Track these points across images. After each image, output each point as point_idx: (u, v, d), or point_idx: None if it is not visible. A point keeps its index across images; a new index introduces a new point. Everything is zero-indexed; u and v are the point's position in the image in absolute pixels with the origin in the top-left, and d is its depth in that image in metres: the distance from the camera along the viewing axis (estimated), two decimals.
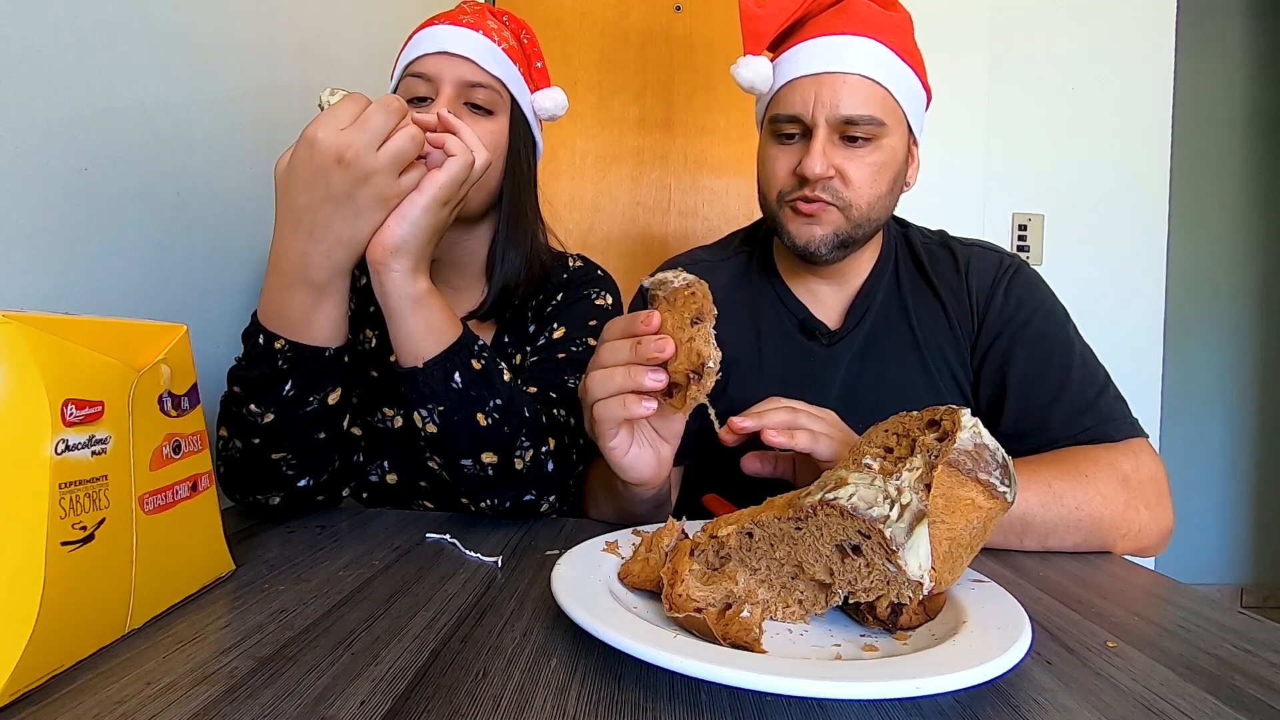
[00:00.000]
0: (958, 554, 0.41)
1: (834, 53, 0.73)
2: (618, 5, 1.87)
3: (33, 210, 0.56)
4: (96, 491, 0.36)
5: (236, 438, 0.61)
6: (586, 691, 0.34)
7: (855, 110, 0.72)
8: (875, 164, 0.74)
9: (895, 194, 0.78)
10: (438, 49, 0.72)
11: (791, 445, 0.57)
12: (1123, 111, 1.90)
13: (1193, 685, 0.37)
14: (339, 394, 0.62)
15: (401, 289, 0.58)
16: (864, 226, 0.76)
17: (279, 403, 0.59)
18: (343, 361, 0.62)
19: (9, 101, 0.54)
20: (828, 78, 0.72)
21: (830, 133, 0.73)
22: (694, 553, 0.43)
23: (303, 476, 0.63)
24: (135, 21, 0.66)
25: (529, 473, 0.64)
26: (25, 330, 0.33)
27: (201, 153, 0.76)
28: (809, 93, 0.73)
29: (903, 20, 0.78)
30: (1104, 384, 0.74)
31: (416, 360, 0.60)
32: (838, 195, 0.74)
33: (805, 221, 0.76)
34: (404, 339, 0.60)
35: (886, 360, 0.81)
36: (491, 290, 0.77)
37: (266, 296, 0.59)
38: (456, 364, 0.61)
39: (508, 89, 0.76)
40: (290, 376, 0.59)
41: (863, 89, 0.72)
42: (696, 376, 0.48)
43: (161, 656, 0.37)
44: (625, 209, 1.89)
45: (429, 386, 0.60)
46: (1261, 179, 2.57)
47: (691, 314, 0.49)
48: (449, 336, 0.61)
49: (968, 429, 0.40)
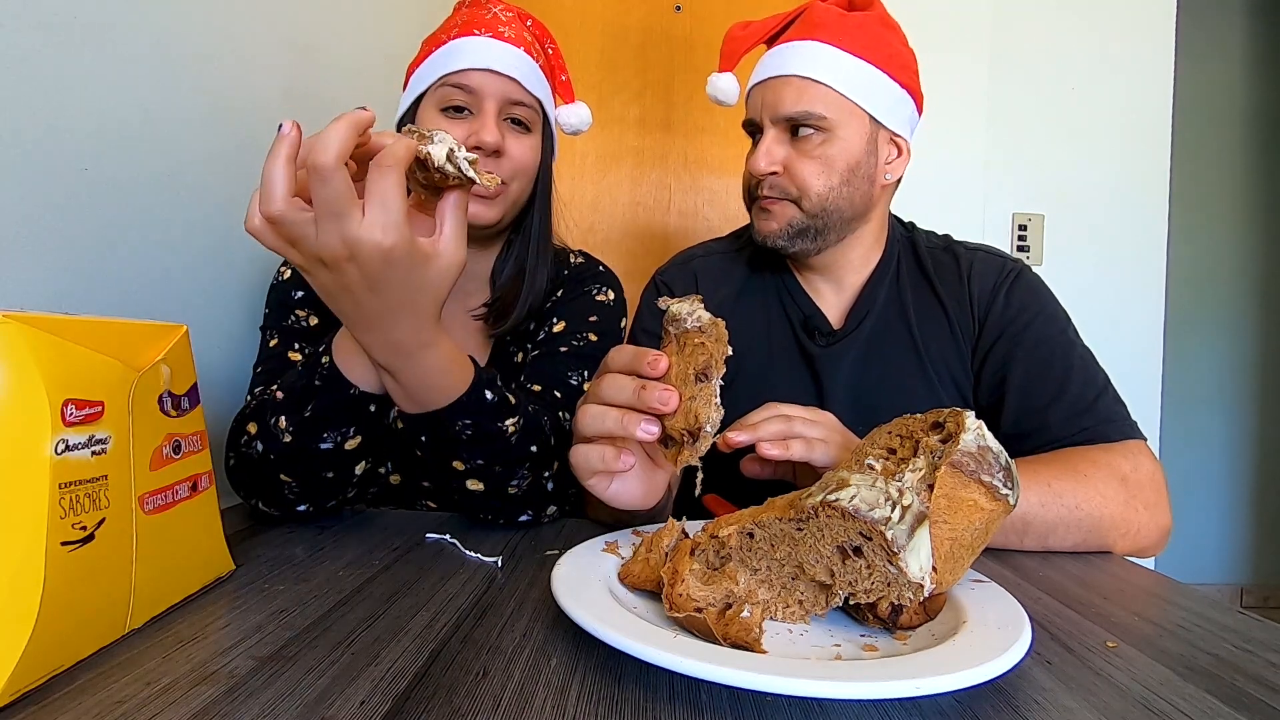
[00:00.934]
0: (959, 555, 0.41)
1: (777, 60, 0.80)
2: (618, 5, 1.87)
3: (33, 210, 0.56)
4: (96, 491, 0.36)
5: (259, 440, 0.59)
6: (586, 691, 0.34)
7: (795, 108, 0.77)
8: (824, 156, 0.78)
9: (859, 186, 0.79)
10: (483, 65, 0.73)
11: (787, 456, 0.57)
12: (1123, 111, 1.90)
13: (1193, 685, 0.37)
14: (358, 442, 0.59)
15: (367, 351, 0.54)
16: (823, 217, 0.79)
17: (299, 425, 0.57)
18: (368, 410, 0.58)
19: (9, 101, 0.54)
20: (771, 82, 0.79)
21: (778, 132, 0.79)
22: (694, 552, 0.43)
23: (303, 503, 0.62)
24: (136, 22, 0.66)
25: (525, 495, 0.63)
26: (25, 330, 0.33)
27: (202, 153, 0.76)
28: (758, 98, 0.81)
29: (868, 19, 0.81)
30: (1103, 386, 0.74)
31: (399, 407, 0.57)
32: (785, 190, 0.79)
33: (763, 217, 0.81)
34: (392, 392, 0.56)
35: (886, 362, 0.81)
36: (516, 312, 0.79)
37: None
38: (426, 430, 0.57)
39: (543, 107, 0.78)
40: (316, 397, 0.57)
41: (802, 89, 0.77)
42: (691, 439, 0.45)
43: (161, 656, 0.37)
44: (625, 209, 1.89)
45: (404, 431, 0.59)
46: (1261, 179, 2.57)
47: (699, 367, 0.46)
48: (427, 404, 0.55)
49: (972, 431, 0.40)
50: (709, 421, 0.44)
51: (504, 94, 0.74)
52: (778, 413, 0.62)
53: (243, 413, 0.63)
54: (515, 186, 0.76)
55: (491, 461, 0.59)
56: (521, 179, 0.77)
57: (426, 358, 0.53)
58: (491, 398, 0.58)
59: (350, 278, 0.46)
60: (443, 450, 0.58)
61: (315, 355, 0.58)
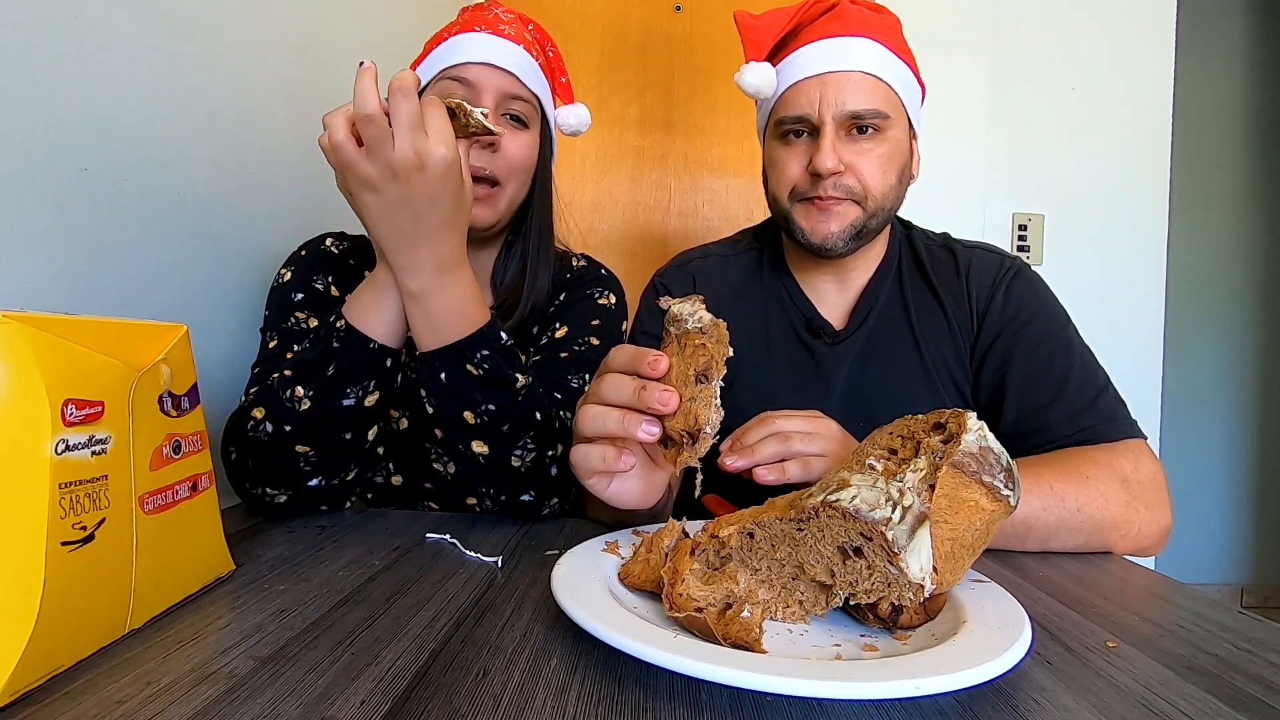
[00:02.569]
0: (960, 555, 0.41)
1: (835, 53, 0.76)
2: (618, 5, 1.87)
3: (33, 210, 0.56)
4: (96, 491, 0.36)
5: (269, 421, 0.61)
6: (586, 691, 0.34)
7: (861, 105, 0.75)
8: (883, 155, 0.77)
9: (903, 185, 0.81)
10: (482, 59, 0.73)
11: (784, 480, 0.57)
12: (1123, 111, 1.90)
13: (1193, 685, 0.37)
14: (375, 398, 0.64)
15: (401, 284, 0.60)
16: (878, 216, 0.78)
17: (320, 386, 0.61)
18: (384, 364, 0.63)
19: (9, 102, 0.54)
20: (831, 77, 0.75)
21: (837, 129, 0.76)
22: (694, 552, 0.43)
23: (316, 475, 0.64)
24: (136, 22, 0.66)
25: (528, 473, 0.64)
26: (25, 330, 0.33)
27: (202, 153, 0.76)
28: (814, 93, 0.76)
29: (892, 21, 0.82)
30: (1103, 385, 0.74)
31: (418, 347, 0.63)
32: (850, 190, 0.76)
33: (821, 218, 0.77)
34: (411, 327, 0.62)
35: (887, 361, 0.81)
36: (520, 310, 0.79)
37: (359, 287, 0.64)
38: (445, 365, 0.61)
39: (540, 104, 0.79)
40: (336, 358, 0.61)
41: (866, 84, 0.75)
42: (691, 440, 0.45)
43: (161, 656, 0.37)
44: (625, 209, 1.89)
45: (421, 375, 0.63)
46: (1261, 179, 2.57)
47: (699, 368, 0.46)
48: (446, 336, 0.61)
49: (973, 431, 0.40)
50: (709, 423, 0.44)
51: (502, 88, 0.74)
52: (773, 429, 0.61)
53: (241, 409, 0.64)
54: (511, 187, 0.76)
55: (501, 415, 0.62)
56: (517, 178, 0.77)
57: (462, 277, 0.61)
58: (506, 340, 0.64)
59: (415, 190, 0.54)
60: (458, 394, 0.62)
61: (326, 325, 0.63)
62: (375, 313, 0.62)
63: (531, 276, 0.80)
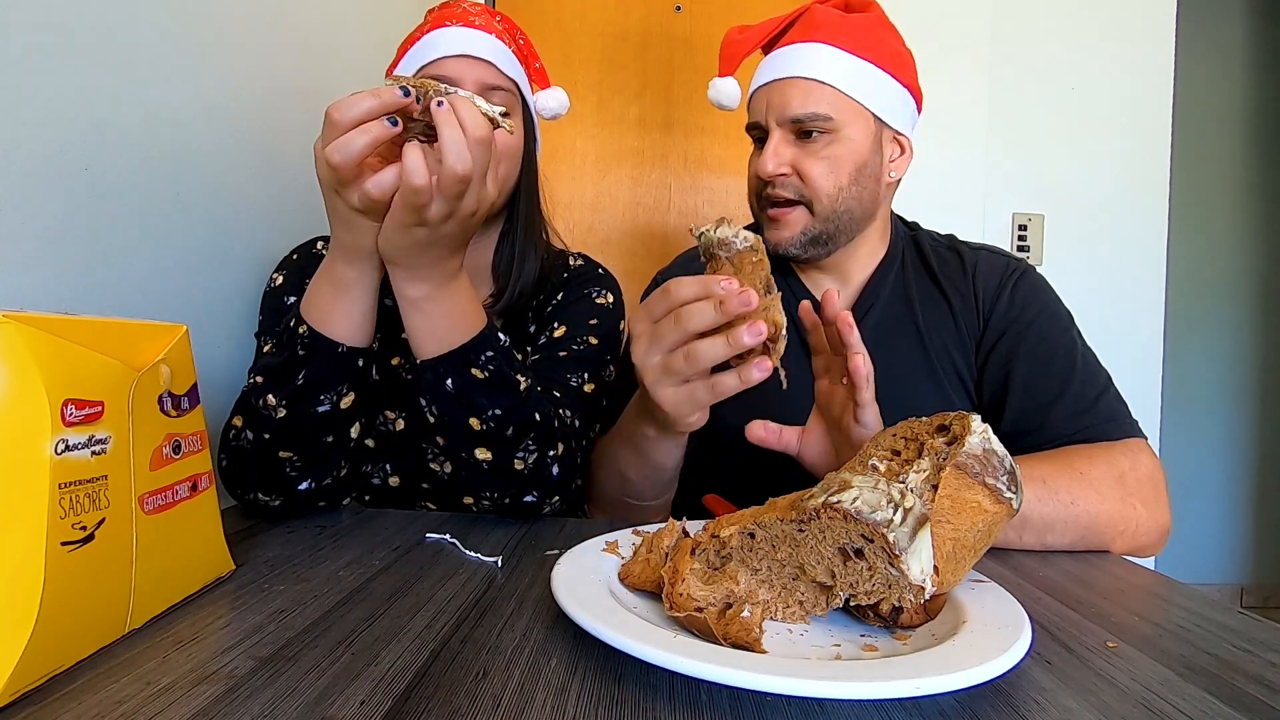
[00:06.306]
0: (961, 555, 0.41)
1: (781, 62, 0.80)
2: (618, 5, 1.87)
3: (33, 210, 0.56)
4: (96, 491, 0.36)
5: (249, 429, 0.61)
6: (586, 691, 0.34)
7: (801, 110, 0.77)
8: (831, 157, 0.78)
9: (867, 185, 0.81)
10: (458, 52, 0.73)
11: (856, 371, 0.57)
12: (1123, 111, 1.90)
13: (1193, 685, 0.37)
14: (352, 399, 0.63)
15: (401, 291, 0.59)
16: (835, 220, 0.80)
17: (291, 395, 0.60)
18: (356, 365, 0.62)
19: (9, 101, 0.54)
20: (776, 84, 0.80)
21: (784, 133, 0.79)
22: (695, 552, 0.43)
23: (305, 479, 0.63)
24: (136, 21, 0.66)
25: (530, 474, 0.64)
26: (25, 330, 0.33)
27: (202, 153, 0.76)
28: (762, 101, 0.81)
29: (868, 20, 0.82)
30: (1105, 386, 0.75)
31: (417, 356, 0.62)
32: (798, 191, 0.79)
33: (773, 226, 0.81)
34: (409, 335, 0.61)
35: (892, 357, 0.82)
36: (508, 294, 0.78)
37: (310, 284, 0.62)
38: (450, 371, 0.61)
39: (520, 91, 0.78)
40: (304, 366, 0.60)
41: (807, 90, 0.78)
42: (773, 343, 0.50)
43: (161, 656, 0.37)
44: (625, 209, 1.89)
45: (422, 384, 0.62)
46: (1261, 179, 2.57)
47: (762, 281, 0.51)
48: (450, 342, 0.61)
49: (977, 434, 0.40)
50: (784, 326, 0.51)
51: (480, 79, 0.74)
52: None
53: (229, 417, 0.64)
54: (501, 169, 0.76)
55: (505, 418, 0.62)
56: (507, 163, 0.77)
57: (464, 283, 0.61)
58: (505, 340, 0.64)
59: (459, 226, 0.55)
60: (464, 400, 0.61)
61: (286, 331, 0.61)
62: (339, 313, 0.60)
63: (520, 261, 0.79)
